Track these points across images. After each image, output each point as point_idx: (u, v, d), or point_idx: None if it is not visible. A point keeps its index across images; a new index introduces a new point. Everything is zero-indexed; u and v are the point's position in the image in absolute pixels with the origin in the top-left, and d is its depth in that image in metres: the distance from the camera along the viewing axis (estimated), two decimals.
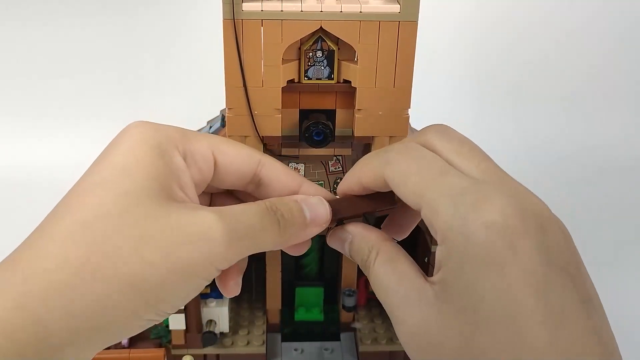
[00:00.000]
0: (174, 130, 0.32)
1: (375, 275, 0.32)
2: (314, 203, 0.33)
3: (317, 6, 0.41)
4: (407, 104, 0.43)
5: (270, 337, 0.56)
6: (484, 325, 0.27)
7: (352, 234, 0.34)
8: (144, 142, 0.31)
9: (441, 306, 0.29)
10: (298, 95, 0.44)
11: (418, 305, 0.30)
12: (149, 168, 0.30)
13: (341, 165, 0.48)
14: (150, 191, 0.29)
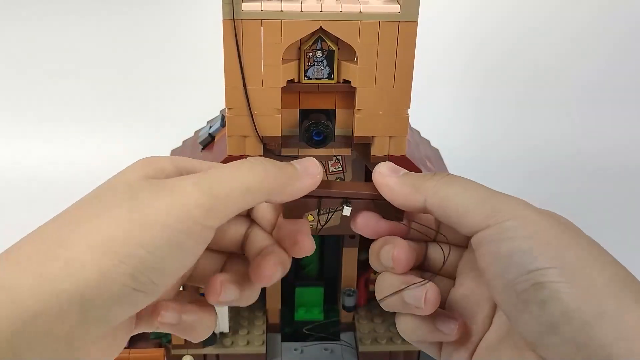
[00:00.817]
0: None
1: (449, 181, 0.31)
2: (304, 159, 0.32)
3: (317, 6, 0.41)
4: (407, 104, 0.43)
5: (270, 337, 0.56)
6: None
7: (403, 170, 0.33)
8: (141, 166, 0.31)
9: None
10: (298, 95, 0.44)
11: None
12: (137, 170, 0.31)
13: (341, 165, 0.48)
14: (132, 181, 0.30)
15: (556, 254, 0.28)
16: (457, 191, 0.31)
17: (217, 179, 0.29)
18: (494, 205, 0.30)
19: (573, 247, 0.29)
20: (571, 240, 0.29)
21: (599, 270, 0.28)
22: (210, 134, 0.52)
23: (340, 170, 0.48)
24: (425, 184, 0.32)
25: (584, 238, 0.30)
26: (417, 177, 0.32)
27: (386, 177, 0.33)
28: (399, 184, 0.32)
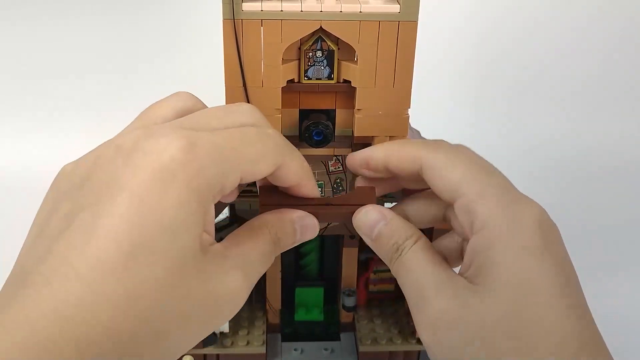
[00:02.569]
0: (214, 169, 0.31)
1: (409, 258, 0.35)
2: (308, 226, 0.37)
3: (317, 6, 0.41)
4: (407, 104, 0.43)
5: (270, 337, 0.56)
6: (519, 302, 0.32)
7: (388, 219, 0.37)
8: (189, 194, 0.30)
9: (477, 290, 0.33)
10: (298, 95, 0.44)
11: (454, 289, 0.34)
12: (194, 228, 0.30)
13: (341, 165, 0.48)
14: (194, 252, 0.30)
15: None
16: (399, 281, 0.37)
17: (257, 276, 0.34)
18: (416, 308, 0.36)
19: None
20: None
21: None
22: None
23: (341, 170, 0.48)
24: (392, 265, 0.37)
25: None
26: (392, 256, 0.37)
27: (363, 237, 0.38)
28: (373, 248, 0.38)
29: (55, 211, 0.31)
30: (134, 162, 0.30)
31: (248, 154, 0.32)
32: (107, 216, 0.28)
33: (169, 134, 0.30)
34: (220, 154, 0.31)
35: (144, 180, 0.29)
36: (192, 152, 0.30)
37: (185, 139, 0.30)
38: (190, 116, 0.34)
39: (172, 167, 0.29)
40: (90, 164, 0.32)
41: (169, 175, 0.29)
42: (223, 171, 0.31)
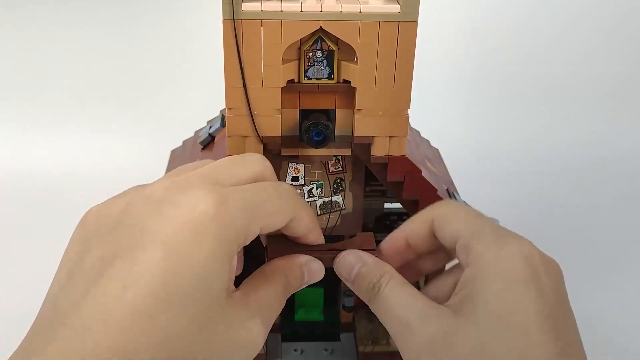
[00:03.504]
0: (241, 222, 0.34)
1: (387, 295, 0.38)
2: (315, 270, 0.40)
3: (317, 6, 0.41)
4: (407, 104, 0.43)
5: (270, 337, 0.56)
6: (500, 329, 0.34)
7: (365, 261, 0.40)
8: (219, 246, 0.32)
9: (460, 318, 0.35)
10: (298, 95, 0.44)
11: (437, 317, 0.36)
12: (223, 277, 0.32)
13: (341, 165, 0.48)
14: (221, 300, 0.32)
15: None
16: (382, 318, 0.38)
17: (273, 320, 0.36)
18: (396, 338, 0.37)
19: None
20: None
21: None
22: (210, 134, 0.52)
23: (341, 170, 0.48)
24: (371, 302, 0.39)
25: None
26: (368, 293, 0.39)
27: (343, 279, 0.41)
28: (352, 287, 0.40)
29: (87, 252, 0.33)
30: (166, 212, 0.32)
31: (269, 209, 0.35)
32: (143, 265, 0.30)
33: (202, 187, 0.33)
34: (248, 209, 0.34)
35: (176, 232, 0.31)
36: (224, 206, 0.32)
37: (217, 194, 0.33)
38: (211, 167, 0.36)
39: (204, 219, 0.32)
40: (120, 210, 0.34)
41: (202, 228, 0.32)
42: (249, 224, 0.34)
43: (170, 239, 0.31)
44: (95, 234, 0.33)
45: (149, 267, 0.30)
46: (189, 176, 0.35)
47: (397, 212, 0.61)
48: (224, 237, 0.32)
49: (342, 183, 0.49)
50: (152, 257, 0.31)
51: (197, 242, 0.31)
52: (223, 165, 0.37)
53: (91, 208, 0.36)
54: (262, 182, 0.37)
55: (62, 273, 0.33)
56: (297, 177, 0.48)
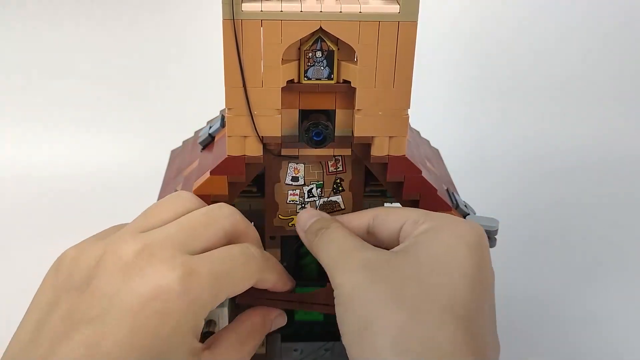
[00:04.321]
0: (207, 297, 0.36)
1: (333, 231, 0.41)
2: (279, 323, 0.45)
3: (316, 6, 0.41)
4: (406, 104, 0.43)
5: (270, 337, 0.56)
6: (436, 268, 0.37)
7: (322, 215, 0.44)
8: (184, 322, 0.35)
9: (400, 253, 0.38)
10: (298, 95, 0.44)
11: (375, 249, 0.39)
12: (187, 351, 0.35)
13: (341, 165, 0.48)
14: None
15: (347, 323, 0.37)
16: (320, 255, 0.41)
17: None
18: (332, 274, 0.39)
19: (356, 313, 0.37)
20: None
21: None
22: (210, 134, 0.52)
23: (341, 170, 0.48)
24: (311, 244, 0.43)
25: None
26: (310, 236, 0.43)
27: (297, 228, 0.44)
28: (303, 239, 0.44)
29: (56, 306, 0.34)
30: (134, 284, 0.34)
31: (235, 278, 0.38)
32: (109, 338, 0.32)
33: (170, 259, 0.35)
34: (214, 283, 0.36)
35: (143, 307, 0.33)
36: (190, 283, 0.35)
37: (183, 268, 0.35)
38: (183, 229, 0.38)
39: (171, 296, 0.34)
40: (92, 267, 0.35)
41: (168, 305, 0.34)
42: (216, 295, 0.36)
43: (137, 314, 0.33)
44: (65, 287, 0.35)
45: (114, 341, 0.32)
46: (159, 239, 0.36)
47: None
48: (190, 314, 0.34)
49: (342, 183, 0.49)
50: (118, 331, 0.32)
51: (162, 320, 0.33)
52: (193, 225, 0.38)
53: (66, 251, 0.37)
54: (230, 247, 0.38)
55: (31, 320, 0.35)
56: (297, 177, 0.48)
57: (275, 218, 0.50)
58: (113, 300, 0.33)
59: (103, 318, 0.33)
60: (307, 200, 0.49)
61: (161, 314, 0.33)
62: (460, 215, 0.48)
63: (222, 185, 0.45)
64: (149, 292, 0.34)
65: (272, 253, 0.51)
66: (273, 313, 0.44)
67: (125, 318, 0.33)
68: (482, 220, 0.48)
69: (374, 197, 0.53)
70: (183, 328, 0.34)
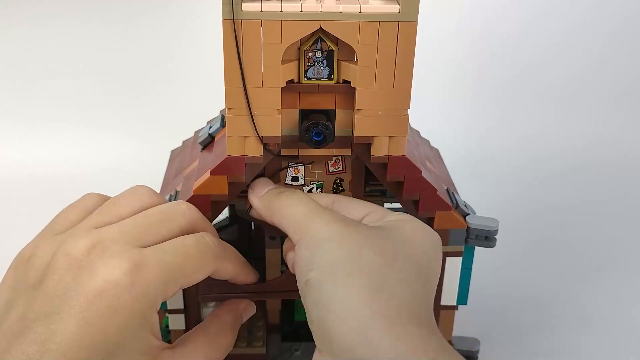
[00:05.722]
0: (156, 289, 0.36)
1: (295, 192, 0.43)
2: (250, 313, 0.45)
3: (316, 6, 0.41)
4: (406, 104, 0.43)
5: (270, 337, 0.56)
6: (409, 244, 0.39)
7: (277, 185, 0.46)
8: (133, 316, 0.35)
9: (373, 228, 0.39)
10: (298, 95, 0.44)
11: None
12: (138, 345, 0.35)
13: (341, 165, 0.48)
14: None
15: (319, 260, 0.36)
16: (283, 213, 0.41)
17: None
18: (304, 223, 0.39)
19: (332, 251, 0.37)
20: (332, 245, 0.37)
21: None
22: (210, 134, 0.52)
23: (341, 170, 0.48)
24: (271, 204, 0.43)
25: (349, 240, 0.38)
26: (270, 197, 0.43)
27: (251, 196, 0.44)
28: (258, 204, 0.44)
29: (12, 307, 0.35)
30: (83, 279, 0.34)
31: (187, 268, 0.37)
32: (59, 335, 0.33)
33: (116, 255, 0.35)
34: (164, 274, 0.36)
35: (92, 302, 0.33)
36: (138, 275, 0.35)
37: (131, 261, 0.35)
38: (136, 224, 0.38)
39: (119, 291, 0.34)
40: (45, 265, 0.36)
41: (116, 300, 0.34)
42: (166, 286, 0.36)
43: (86, 310, 0.33)
44: (21, 286, 0.36)
45: (64, 338, 0.33)
46: (112, 235, 0.36)
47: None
48: (138, 308, 0.34)
49: (342, 183, 0.49)
50: (68, 327, 0.33)
51: (111, 315, 0.34)
52: (148, 222, 0.38)
53: (23, 250, 0.38)
54: (184, 238, 0.38)
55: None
56: (297, 177, 0.48)
57: None
58: (64, 297, 0.34)
59: (54, 316, 0.33)
60: None
61: (109, 308, 0.34)
62: (460, 216, 0.48)
63: (222, 185, 0.45)
64: (98, 288, 0.34)
65: (272, 253, 0.51)
66: (241, 304, 0.44)
67: (75, 315, 0.33)
68: (482, 220, 0.48)
69: (374, 197, 0.52)
70: (133, 323, 0.34)
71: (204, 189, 0.45)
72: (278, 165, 0.48)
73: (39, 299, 0.34)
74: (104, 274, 0.34)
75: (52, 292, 0.34)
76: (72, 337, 0.33)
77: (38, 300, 0.34)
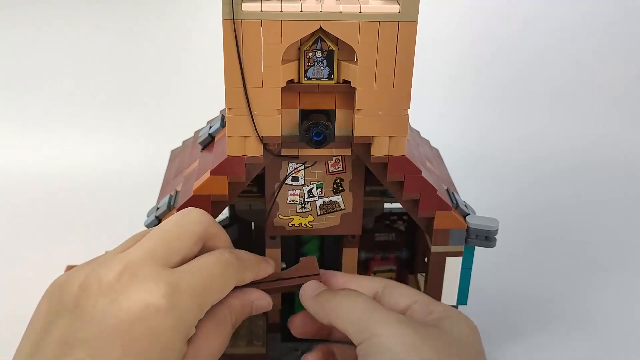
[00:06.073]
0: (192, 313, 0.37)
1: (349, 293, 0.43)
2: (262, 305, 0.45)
3: (316, 6, 0.41)
4: (406, 104, 0.43)
5: (270, 337, 0.56)
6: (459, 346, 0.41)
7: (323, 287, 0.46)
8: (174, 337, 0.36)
9: (430, 327, 0.41)
10: (298, 95, 0.44)
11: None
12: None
13: (341, 165, 0.48)
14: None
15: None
16: (341, 313, 0.42)
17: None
18: (366, 325, 0.40)
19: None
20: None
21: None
22: (210, 134, 0.52)
23: (341, 170, 0.48)
24: (327, 304, 0.43)
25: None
26: (325, 297, 0.43)
27: (303, 298, 0.45)
28: (312, 305, 0.44)
29: (49, 330, 0.35)
30: (121, 305, 0.34)
31: (216, 286, 0.39)
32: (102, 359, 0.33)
33: (149, 278, 0.36)
34: (197, 297, 0.37)
35: (133, 328, 0.34)
36: (174, 298, 0.35)
37: (165, 284, 0.35)
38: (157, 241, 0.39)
39: (158, 315, 0.35)
40: (78, 288, 0.36)
41: (156, 324, 0.34)
42: (200, 307, 0.37)
43: (127, 334, 0.34)
44: (58, 311, 0.36)
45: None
46: (137, 256, 0.37)
47: (397, 212, 0.61)
48: (178, 330, 0.35)
49: (342, 183, 0.49)
50: (110, 352, 0.33)
51: (153, 339, 0.34)
52: (167, 238, 0.39)
53: (58, 278, 0.38)
54: (205, 257, 0.39)
55: (27, 345, 0.35)
56: (297, 177, 0.48)
57: (275, 218, 0.50)
58: (102, 323, 0.34)
59: (96, 341, 0.33)
60: (307, 200, 0.49)
61: (151, 332, 0.34)
62: (461, 216, 0.48)
63: (222, 185, 0.45)
64: (137, 311, 0.34)
65: (272, 253, 0.51)
66: (253, 294, 0.44)
67: (116, 339, 0.33)
68: (482, 220, 0.48)
69: (374, 197, 0.53)
70: (175, 345, 0.35)
71: (204, 189, 0.45)
72: (278, 166, 0.48)
73: (76, 324, 0.34)
74: (142, 298, 0.35)
75: (90, 317, 0.34)
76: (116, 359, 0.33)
77: (76, 325, 0.34)
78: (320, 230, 0.50)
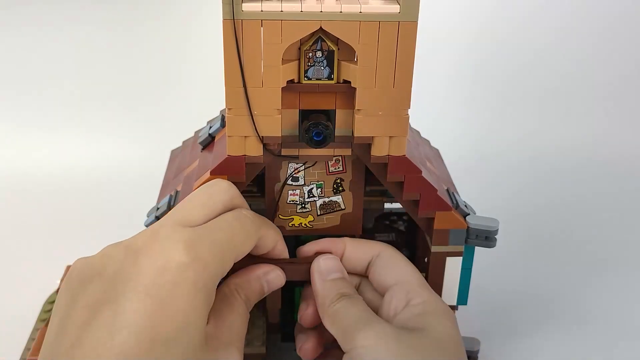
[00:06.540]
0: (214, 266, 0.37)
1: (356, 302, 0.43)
2: (273, 279, 0.44)
3: (317, 6, 0.41)
4: (407, 104, 0.43)
5: (270, 337, 0.56)
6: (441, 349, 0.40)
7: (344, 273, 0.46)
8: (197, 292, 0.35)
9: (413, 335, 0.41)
10: (298, 95, 0.44)
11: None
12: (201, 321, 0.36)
13: (341, 165, 0.48)
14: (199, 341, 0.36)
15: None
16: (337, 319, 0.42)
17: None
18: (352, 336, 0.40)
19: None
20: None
21: None
22: (210, 134, 0.52)
23: (341, 170, 0.48)
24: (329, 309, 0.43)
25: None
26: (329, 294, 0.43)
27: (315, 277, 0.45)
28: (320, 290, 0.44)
29: (74, 303, 0.35)
30: (143, 262, 0.35)
31: (238, 240, 0.39)
32: (127, 313, 0.33)
33: (170, 235, 0.36)
34: (218, 250, 0.37)
35: (156, 281, 0.34)
36: (195, 252, 0.36)
37: (185, 239, 0.36)
38: (181, 206, 0.40)
39: (180, 268, 0.35)
40: (101, 261, 0.36)
41: (178, 278, 0.34)
42: (222, 263, 0.37)
43: (151, 289, 0.34)
44: (79, 285, 0.36)
45: (133, 315, 0.33)
46: (163, 222, 0.38)
47: (397, 212, 0.61)
48: (201, 283, 0.35)
49: (342, 183, 0.49)
50: (135, 306, 0.33)
51: (177, 290, 0.34)
52: (192, 205, 0.40)
53: (77, 260, 0.38)
54: (224, 215, 0.40)
55: (54, 323, 0.36)
56: (297, 177, 0.48)
57: (275, 218, 0.50)
58: (126, 282, 0.34)
59: (120, 298, 0.34)
60: (307, 200, 0.49)
61: (175, 284, 0.34)
62: (461, 216, 0.48)
63: None
64: (159, 267, 0.35)
65: None
66: (259, 269, 0.43)
67: (141, 294, 0.34)
68: (482, 220, 0.48)
69: (374, 197, 0.53)
70: (195, 302, 0.35)
71: None
72: (278, 166, 0.48)
73: (101, 288, 0.35)
74: (163, 254, 0.35)
75: (113, 279, 0.35)
76: (141, 315, 0.33)
77: (100, 289, 0.35)
78: (320, 230, 0.50)
